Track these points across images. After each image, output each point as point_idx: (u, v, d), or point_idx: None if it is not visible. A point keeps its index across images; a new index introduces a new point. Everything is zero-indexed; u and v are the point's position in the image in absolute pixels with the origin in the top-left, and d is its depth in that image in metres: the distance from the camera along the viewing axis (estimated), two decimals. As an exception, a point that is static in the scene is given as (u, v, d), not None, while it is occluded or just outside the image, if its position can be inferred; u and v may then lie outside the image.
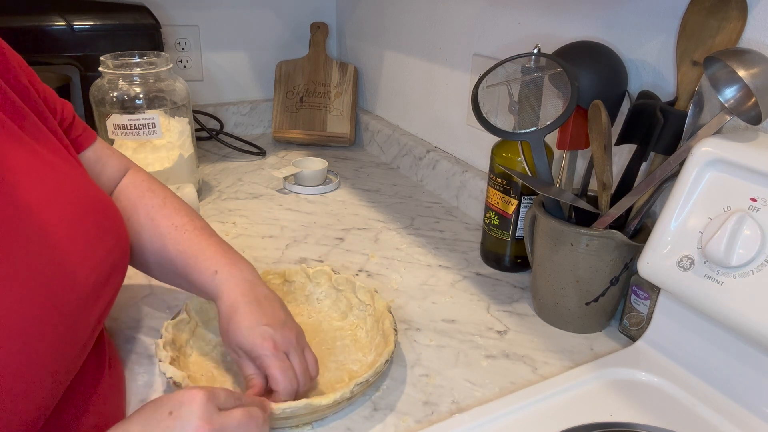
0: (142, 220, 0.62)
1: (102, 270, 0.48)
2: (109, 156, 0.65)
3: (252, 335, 0.53)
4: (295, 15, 1.42)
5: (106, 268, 0.49)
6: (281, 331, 0.54)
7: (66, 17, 1.02)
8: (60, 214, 0.46)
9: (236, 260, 0.60)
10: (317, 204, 1.05)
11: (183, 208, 0.64)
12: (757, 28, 0.57)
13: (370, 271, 0.83)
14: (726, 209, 0.53)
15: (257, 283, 0.58)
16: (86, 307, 0.46)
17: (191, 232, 0.61)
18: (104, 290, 0.48)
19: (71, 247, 0.45)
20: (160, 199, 0.64)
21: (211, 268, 0.58)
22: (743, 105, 0.53)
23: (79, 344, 0.45)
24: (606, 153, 0.63)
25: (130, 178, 0.66)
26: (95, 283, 0.47)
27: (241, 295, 0.56)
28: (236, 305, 0.55)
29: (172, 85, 0.97)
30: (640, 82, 0.70)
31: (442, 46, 1.07)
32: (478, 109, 0.65)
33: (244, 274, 0.58)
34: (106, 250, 0.49)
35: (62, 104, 0.59)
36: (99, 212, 0.50)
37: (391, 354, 0.58)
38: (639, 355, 0.63)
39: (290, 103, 1.36)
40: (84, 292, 0.45)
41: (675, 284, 0.56)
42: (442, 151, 1.12)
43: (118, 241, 0.52)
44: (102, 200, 0.52)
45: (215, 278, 0.58)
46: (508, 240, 0.81)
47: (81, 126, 0.61)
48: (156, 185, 0.66)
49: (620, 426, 0.54)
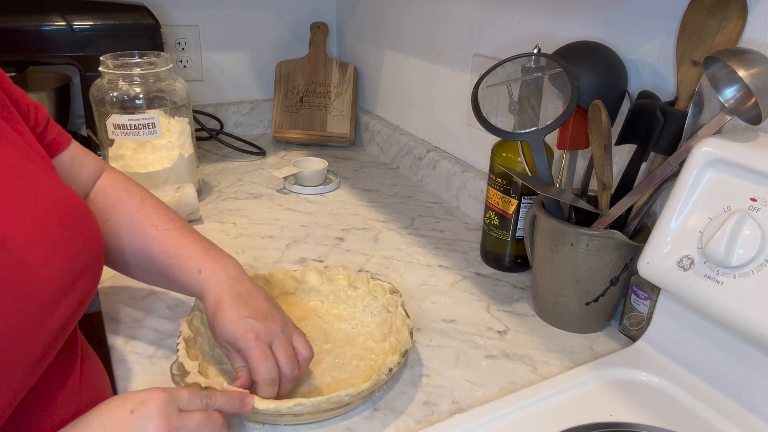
0: (121, 221, 0.62)
1: (68, 271, 0.47)
2: (84, 158, 0.64)
3: (235, 328, 0.54)
4: (295, 15, 1.42)
5: (74, 269, 0.48)
6: (264, 322, 0.55)
7: (66, 17, 1.02)
8: (19, 218, 0.45)
9: (219, 257, 0.60)
10: (317, 204, 1.05)
11: (161, 207, 0.64)
12: (757, 28, 0.57)
13: (370, 271, 0.83)
14: (726, 209, 0.53)
15: (241, 278, 0.59)
16: (50, 306, 0.45)
17: (171, 231, 0.61)
18: (72, 291, 0.48)
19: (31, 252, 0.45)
20: (138, 199, 0.64)
21: (195, 266, 0.59)
22: (743, 105, 0.53)
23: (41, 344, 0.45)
24: (606, 153, 0.63)
25: (105, 179, 0.66)
26: (62, 284, 0.46)
27: (225, 291, 0.57)
28: (220, 301, 0.56)
29: (172, 85, 0.97)
30: (640, 82, 0.70)
31: (442, 46, 1.07)
32: (478, 109, 0.65)
33: (227, 270, 0.59)
34: (73, 252, 0.49)
35: (36, 108, 0.59)
36: (65, 214, 0.50)
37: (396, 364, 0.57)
38: (639, 355, 0.63)
39: (290, 103, 1.36)
40: (44, 294, 0.45)
41: (675, 284, 0.56)
42: (442, 151, 1.12)
43: (88, 242, 0.51)
44: (71, 202, 0.51)
45: (199, 277, 0.58)
46: (508, 240, 0.81)
47: (55, 129, 0.61)
48: (132, 185, 0.66)
49: (620, 426, 0.54)
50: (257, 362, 0.53)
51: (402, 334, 0.61)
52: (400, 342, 0.59)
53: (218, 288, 0.57)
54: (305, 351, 0.56)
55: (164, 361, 0.63)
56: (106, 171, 0.67)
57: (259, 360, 0.53)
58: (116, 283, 0.77)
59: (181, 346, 0.57)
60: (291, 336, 0.57)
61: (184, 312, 0.71)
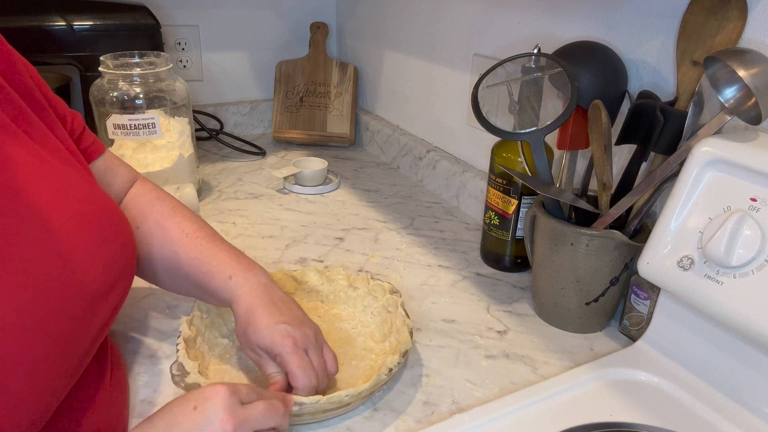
0: (152, 228, 0.62)
1: (107, 275, 0.48)
2: (118, 166, 0.66)
3: (271, 333, 0.54)
4: (295, 15, 1.42)
5: (112, 274, 0.49)
6: (300, 328, 0.55)
7: (66, 17, 1.02)
8: (65, 219, 0.46)
9: (250, 265, 0.61)
10: (317, 204, 1.05)
11: (192, 216, 0.65)
12: (757, 28, 0.57)
13: (370, 271, 0.83)
14: (726, 209, 0.53)
15: (272, 286, 0.59)
16: (91, 310, 0.46)
17: (202, 239, 0.62)
18: (109, 295, 0.49)
19: (76, 252, 0.45)
20: (169, 207, 0.65)
21: (226, 273, 0.59)
22: (743, 105, 0.53)
23: (83, 347, 0.45)
24: (606, 153, 0.63)
25: (138, 187, 0.67)
26: (100, 287, 0.47)
27: (258, 297, 0.57)
28: (253, 307, 0.56)
29: (172, 85, 0.97)
30: (640, 82, 0.70)
31: (442, 46, 1.07)
32: (478, 109, 0.65)
33: (258, 278, 0.59)
34: (111, 256, 0.49)
35: (72, 115, 0.60)
36: (104, 219, 0.50)
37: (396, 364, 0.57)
38: (639, 355, 0.63)
39: (290, 103, 1.36)
40: (89, 296, 0.46)
41: (675, 284, 0.56)
42: (442, 151, 1.12)
43: (124, 248, 0.52)
44: (108, 207, 0.52)
45: (230, 283, 0.58)
46: (508, 240, 0.81)
47: (90, 137, 0.62)
48: (164, 194, 0.67)
49: (620, 426, 0.54)
50: (298, 369, 0.52)
51: (402, 334, 0.62)
52: (400, 342, 0.59)
53: (250, 294, 0.57)
54: (333, 366, 0.57)
55: (164, 361, 0.63)
56: (139, 180, 0.68)
57: (300, 367, 0.53)
58: (116, 283, 0.77)
59: (181, 346, 0.57)
60: (322, 346, 0.57)
61: (184, 312, 0.71)
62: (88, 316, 0.45)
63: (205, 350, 0.62)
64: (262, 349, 0.55)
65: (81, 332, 0.45)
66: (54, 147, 0.51)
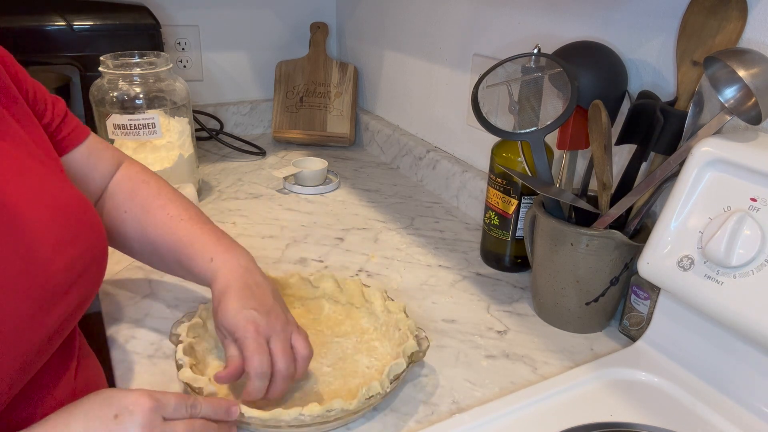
0: (137, 211, 0.63)
1: (71, 271, 0.48)
2: (102, 150, 0.65)
3: (236, 317, 0.54)
4: (295, 15, 1.42)
5: (76, 270, 0.49)
6: (266, 317, 0.55)
7: (66, 17, 1.02)
8: (31, 215, 0.46)
9: (231, 247, 0.61)
10: (317, 204, 1.05)
11: (177, 197, 0.66)
12: (757, 28, 0.57)
13: (370, 271, 0.83)
14: (726, 209, 0.53)
15: (251, 269, 0.60)
16: (51, 303, 0.46)
17: (186, 221, 0.63)
18: (72, 291, 0.49)
19: (41, 246, 0.46)
20: (155, 189, 0.65)
21: (207, 254, 0.60)
22: (743, 105, 0.53)
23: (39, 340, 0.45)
24: (606, 153, 0.63)
25: (124, 171, 0.67)
26: (63, 282, 0.47)
27: (235, 279, 0.57)
28: (227, 288, 0.56)
29: (172, 85, 0.97)
30: (640, 82, 0.70)
31: (442, 46, 1.07)
32: (478, 109, 0.65)
33: (239, 260, 0.59)
34: (77, 253, 0.49)
35: (53, 101, 0.60)
36: (71, 216, 0.51)
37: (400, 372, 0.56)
38: (639, 355, 0.63)
39: (290, 103, 1.36)
40: (50, 288, 0.46)
41: (675, 284, 0.56)
42: (442, 151, 1.12)
43: (91, 246, 0.52)
44: (77, 205, 0.52)
45: (210, 265, 0.59)
46: (508, 240, 0.81)
47: (73, 122, 0.62)
48: (150, 176, 0.67)
49: (620, 426, 0.54)
50: (252, 353, 0.52)
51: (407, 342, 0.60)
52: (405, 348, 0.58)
53: (228, 276, 0.57)
54: (304, 349, 0.56)
55: (164, 361, 0.63)
56: (125, 162, 0.68)
57: (254, 351, 0.52)
58: (116, 283, 0.77)
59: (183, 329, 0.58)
60: (291, 334, 0.56)
61: (184, 312, 0.71)
62: (43, 311, 0.45)
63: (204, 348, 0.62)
64: (226, 331, 0.55)
65: (36, 327, 0.45)
66: (20, 141, 0.50)
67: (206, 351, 0.62)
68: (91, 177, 0.63)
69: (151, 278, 0.78)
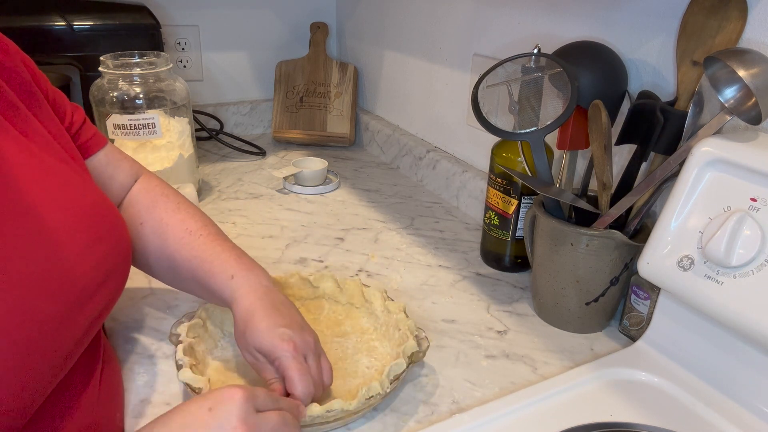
0: (155, 225, 0.62)
1: (98, 272, 0.48)
2: (121, 160, 0.65)
3: (271, 336, 0.52)
4: (295, 15, 1.42)
5: (103, 271, 0.49)
6: (300, 333, 0.54)
7: (66, 17, 1.02)
8: (54, 215, 0.46)
9: (252, 266, 0.60)
10: (317, 204, 1.05)
11: (196, 213, 0.64)
12: (757, 28, 0.57)
13: (370, 271, 0.83)
14: (726, 209, 0.53)
15: (273, 289, 0.58)
16: (80, 304, 0.46)
17: (206, 237, 0.61)
18: (100, 291, 0.48)
19: (69, 247, 0.46)
20: (174, 204, 0.64)
21: (227, 272, 0.58)
22: (743, 105, 0.53)
23: (68, 343, 0.45)
24: (606, 153, 0.63)
25: (142, 183, 0.66)
26: (91, 283, 0.47)
27: (258, 299, 0.56)
28: (253, 308, 0.55)
29: (172, 85, 0.97)
30: (640, 82, 0.70)
31: (442, 46, 1.07)
32: (478, 109, 0.65)
33: (260, 279, 0.58)
34: (103, 254, 0.49)
35: (73, 108, 0.60)
36: (97, 217, 0.50)
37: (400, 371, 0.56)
38: (639, 355, 0.63)
39: (290, 103, 1.36)
40: (79, 290, 0.46)
41: (675, 284, 0.56)
42: (442, 151, 1.12)
43: (116, 246, 0.52)
44: (102, 205, 0.52)
45: (231, 283, 0.57)
46: (508, 240, 0.81)
47: (91, 130, 0.61)
48: (169, 190, 0.66)
49: (620, 426, 0.54)
50: (297, 375, 0.51)
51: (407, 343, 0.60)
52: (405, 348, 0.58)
53: (251, 295, 0.56)
54: (328, 378, 0.55)
55: (164, 361, 0.63)
56: (144, 175, 0.67)
57: (300, 372, 0.51)
58: (116, 283, 0.77)
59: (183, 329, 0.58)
60: (320, 354, 0.56)
61: (183, 312, 0.71)
62: (73, 313, 0.45)
63: (204, 348, 0.62)
64: (260, 352, 0.53)
65: (66, 328, 0.45)
66: (44, 142, 0.50)
67: (206, 351, 0.62)
68: (109, 186, 0.62)
69: (151, 278, 0.78)
